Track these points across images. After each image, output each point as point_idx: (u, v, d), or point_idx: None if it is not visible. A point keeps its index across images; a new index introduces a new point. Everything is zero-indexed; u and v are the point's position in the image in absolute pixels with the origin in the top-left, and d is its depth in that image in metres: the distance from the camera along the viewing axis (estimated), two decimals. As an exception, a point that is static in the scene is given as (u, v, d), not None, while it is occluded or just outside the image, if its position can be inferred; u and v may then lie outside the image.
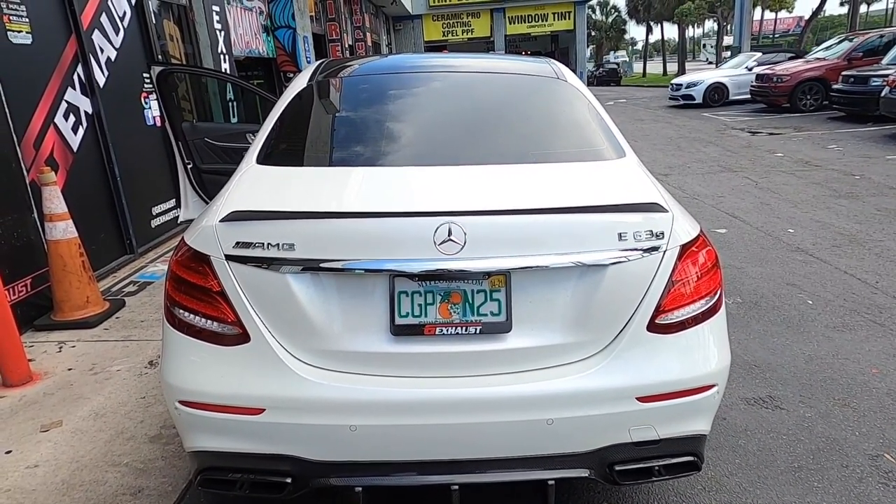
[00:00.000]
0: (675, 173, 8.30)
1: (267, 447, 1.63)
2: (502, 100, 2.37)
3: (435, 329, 1.59)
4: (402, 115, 2.27)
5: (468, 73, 2.58)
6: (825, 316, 3.64)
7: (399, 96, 2.36)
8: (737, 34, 22.49)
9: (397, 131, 2.17)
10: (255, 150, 2.06)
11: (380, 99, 2.35)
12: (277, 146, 2.11)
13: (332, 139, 2.21)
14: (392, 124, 2.21)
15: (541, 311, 1.62)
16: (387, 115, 2.26)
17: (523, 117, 2.29)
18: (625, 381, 1.61)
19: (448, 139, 2.11)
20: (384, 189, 1.77)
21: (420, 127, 2.20)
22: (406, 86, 2.45)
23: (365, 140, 2.10)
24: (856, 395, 2.78)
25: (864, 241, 4.97)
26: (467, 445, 1.62)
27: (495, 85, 2.50)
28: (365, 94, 2.41)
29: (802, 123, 12.18)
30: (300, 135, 2.25)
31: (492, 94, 2.40)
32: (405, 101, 2.34)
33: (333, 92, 2.46)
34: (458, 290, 1.60)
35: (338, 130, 2.25)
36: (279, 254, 1.56)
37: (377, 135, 2.16)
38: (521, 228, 1.58)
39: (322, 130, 2.29)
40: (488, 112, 2.28)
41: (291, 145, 2.18)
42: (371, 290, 1.60)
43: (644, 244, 1.61)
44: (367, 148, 2.06)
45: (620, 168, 1.96)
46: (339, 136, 2.20)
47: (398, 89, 2.42)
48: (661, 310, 1.64)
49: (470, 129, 2.18)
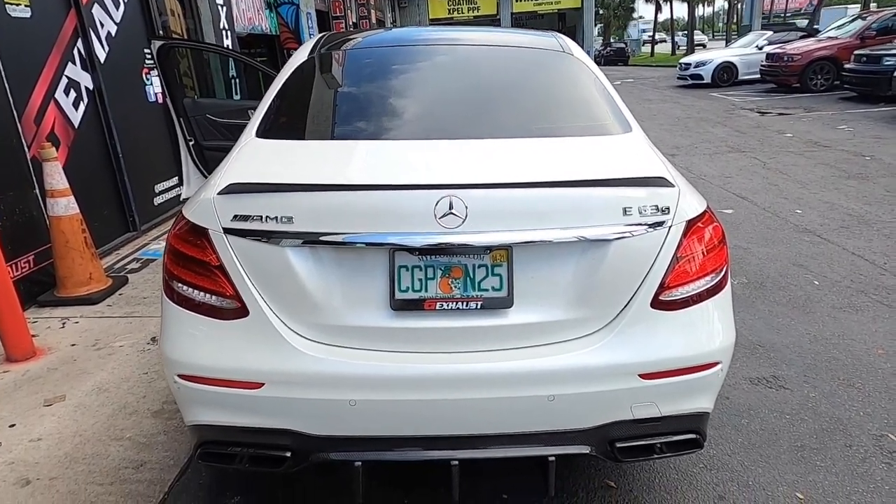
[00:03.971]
0: (683, 153, 8.20)
1: (266, 421, 1.62)
2: (507, 73, 2.31)
3: (435, 304, 1.57)
4: (404, 89, 2.23)
5: (472, 46, 2.52)
6: (831, 296, 3.60)
7: (401, 69, 2.32)
8: (748, 12, 22.07)
9: (399, 105, 2.13)
10: (255, 124, 2.03)
11: (382, 72, 2.30)
12: (277, 120, 2.07)
13: (332, 112, 2.17)
14: (394, 98, 2.17)
15: (543, 286, 1.59)
16: (388, 89, 2.22)
17: (528, 91, 2.24)
18: (627, 358, 1.59)
19: (450, 113, 2.07)
20: (384, 162, 1.74)
21: (422, 100, 2.16)
22: (408, 59, 2.40)
23: (366, 113, 2.06)
24: (861, 375, 2.76)
25: (873, 223, 4.91)
26: (467, 421, 1.61)
27: (500, 58, 2.45)
28: (367, 68, 2.36)
29: (813, 104, 12.00)
30: (300, 108, 2.22)
31: (496, 68, 2.34)
32: (407, 74, 2.30)
33: (335, 65, 2.41)
34: (460, 264, 1.58)
35: (338, 104, 2.21)
36: (278, 227, 1.54)
37: (378, 108, 2.12)
38: (524, 202, 1.54)
39: (322, 104, 2.25)
40: (492, 85, 2.23)
41: (291, 119, 2.14)
42: (371, 264, 1.58)
43: (649, 219, 1.57)
44: (367, 121, 2.02)
45: (626, 143, 1.92)
46: (340, 110, 2.16)
47: (400, 62, 2.37)
48: (666, 286, 1.61)
49: (473, 102, 2.14)
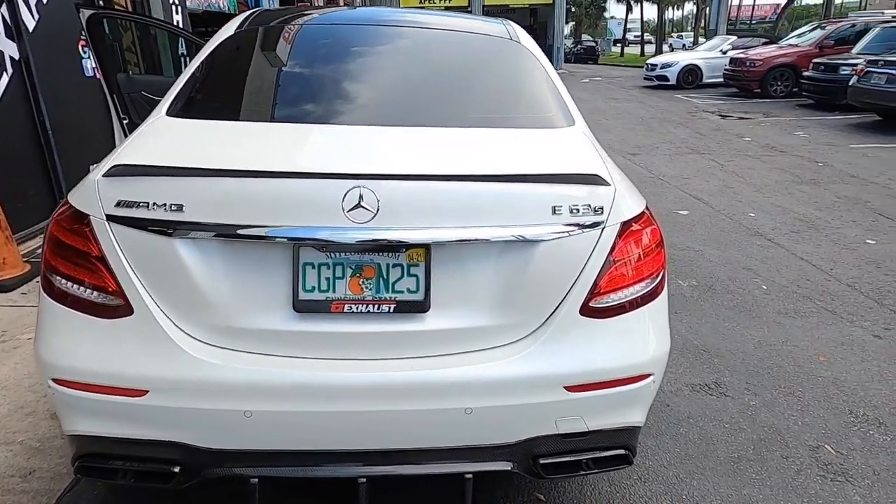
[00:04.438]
0: (644, 153, 8.21)
1: (152, 433, 1.45)
2: (448, 59, 2.17)
3: (343, 306, 1.42)
4: (331, 70, 2.05)
5: (414, 29, 2.36)
6: (778, 301, 3.59)
7: (331, 50, 2.14)
8: (714, 16, 22.44)
9: (322, 86, 1.96)
10: (166, 102, 1.85)
11: (309, 51, 2.12)
12: (190, 98, 1.89)
13: (248, 92, 1.99)
14: (318, 79, 2.00)
15: (463, 289, 1.46)
16: (313, 69, 2.04)
17: (468, 78, 2.10)
18: (552, 369, 1.47)
19: (378, 98, 1.92)
20: (292, 147, 1.57)
21: (349, 83, 1.99)
22: (341, 39, 2.22)
23: (284, 94, 1.89)
24: (802, 383, 2.73)
25: (823, 228, 4.96)
26: (376, 435, 1.47)
27: (442, 42, 2.30)
28: (293, 46, 2.18)
29: (772, 109, 12.22)
30: (217, 86, 2.03)
31: (436, 53, 2.19)
32: (337, 55, 2.12)
33: (260, 42, 2.22)
34: (372, 263, 1.43)
35: (257, 83, 2.03)
36: (166, 216, 1.37)
37: (300, 90, 1.95)
38: (444, 197, 1.40)
39: (240, 82, 2.06)
40: (430, 71, 2.08)
41: (205, 97, 1.95)
42: (272, 260, 1.41)
43: (580, 219, 1.45)
44: (285, 103, 1.85)
45: (566, 137, 1.81)
46: (256, 89, 1.98)
47: (331, 42, 2.19)
48: (597, 292, 1.50)
49: (406, 88, 1.98)
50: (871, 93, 9.34)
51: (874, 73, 9.30)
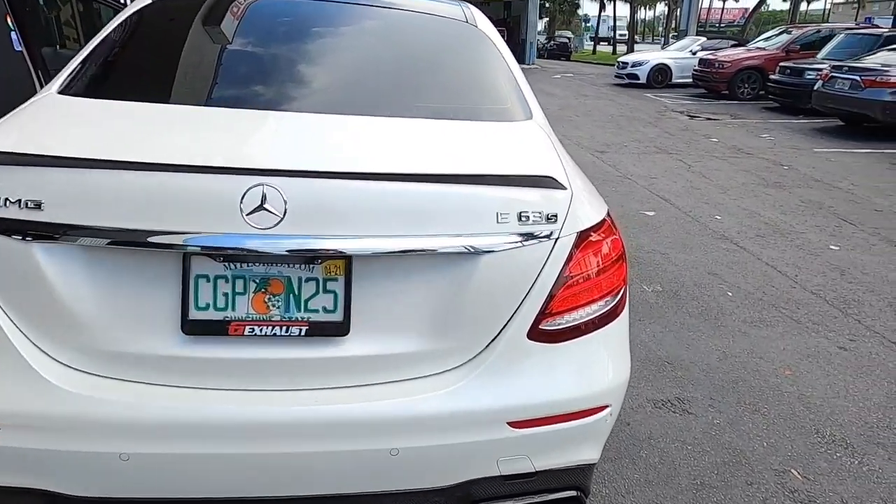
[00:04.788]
0: (612, 151, 8.11)
1: (7, 478, 1.19)
2: (393, 39, 1.93)
3: (244, 328, 1.18)
4: (252, 46, 1.79)
5: (357, 6, 2.11)
6: (743, 309, 3.47)
7: (255, 23, 1.88)
8: (684, 17, 22.63)
9: (239, 65, 1.71)
10: (60, 78, 1.59)
11: (229, 24, 1.86)
12: (89, 74, 1.62)
13: (155, 69, 1.71)
14: (236, 56, 1.74)
15: (390, 308, 1.23)
16: (232, 45, 1.78)
17: (415, 62, 1.87)
18: (494, 402, 1.27)
19: (305, 80, 1.67)
20: (187, 134, 1.32)
21: (271, 62, 1.73)
22: (270, 12, 1.96)
23: (195, 72, 1.64)
24: (767, 399, 2.59)
25: (787, 232, 4.89)
26: (283, 480, 1.23)
27: (389, 21, 2.05)
28: (212, 18, 1.91)
29: (739, 111, 12.30)
30: (122, 62, 1.76)
31: (381, 32, 1.95)
32: (261, 28, 1.86)
33: (173, 15, 1.94)
34: (280, 276, 1.19)
35: (166, 59, 1.75)
36: (20, 214, 1.11)
37: (212, 67, 1.69)
38: (368, 199, 1.17)
39: (148, 58, 1.79)
40: (371, 52, 1.84)
41: (107, 74, 1.68)
42: (156, 271, 1.17)
43: (530, 228, 1.25)
44: (193, 82, 1.60)
45: (521, 132, 1.59)
46: (164, 66, 1.71)
47: (257, 15, 1.93)
48: (548, 312, 1.29)
49: (341, 70, 1.74)
50: (835, 98, 9.43)
51: (838, 79, 9.39)
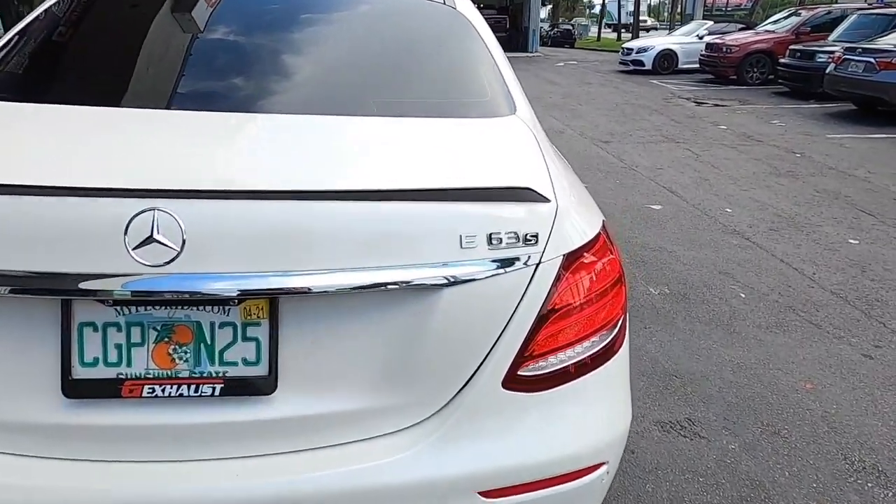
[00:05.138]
0: (616, 140, 7.82)
1: None
2: (351, 22, 1.68)
3: (142, 387, 0.95)
4: (175, 30, 1.55)
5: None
6: (758, 313, 3.21)
7: (203, 11, 1.63)
8: (690, 1, 22.10)
9: (152, 51, 1.46)
10: None
11: (165, 10, 1.61)
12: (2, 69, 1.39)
13: (66, 61, 1.48)
14: (151, 41, 1.49)
15: (329, 357, 0.99)
16: (167, 34, 1.54)
17: (376, 49, 1.62)
18: (461, 468, 1.03)
19: (230, 70, 1.42)
20: (64, 145, 1.08)
21: (194, 48, 1.48)
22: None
23: (104, 66, 1.40)
24: (788, 418, 2.34)
25: (802, 225, 4.61)
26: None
27: (360, 5, 1.80)
28: (144, 5, 1.66)
29: (748, 96, 11.92)
30: (36, 55, 1.52)
31: (337, 13, 1.70)
32: (191, 8, 1.61)
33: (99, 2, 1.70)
34: (188, 322, 0.95)
35: (78, 51, 1.52)
36: None
37: (110, 56, 1.45)
38: (292, 224, 0.93)
39: (59, 51, 1.55)
40: (321, 37, 1.59)
41: (17, 68, 1.44)
42: (30, 319, 0.93)
43: (503, 253, 1.00)
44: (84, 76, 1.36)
45: (500, 130, 1.35)
46: (72, 60, 1.48)
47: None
48: (528, 355, 1.05)
49: (277, 58, 1.49)
50: (849, 81, 9.06)
51: (852, 61, 9.01)
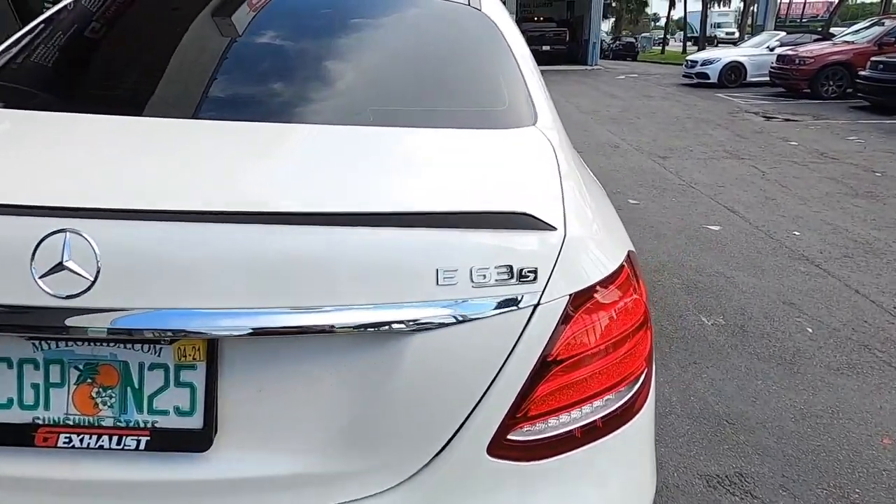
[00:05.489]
0: (675, 156, 7.43)
1: None
2: (363, 25, 1.54)
3: (58, 436, 0.82)
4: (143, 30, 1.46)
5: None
6: (827, 351, 2.85)
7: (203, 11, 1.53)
8: (761, 11, 21.13)
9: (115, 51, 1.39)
10: None
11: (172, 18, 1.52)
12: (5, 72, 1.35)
13: (56, 69, 1.41)
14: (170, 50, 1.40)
15: (277, 409, 0.83)
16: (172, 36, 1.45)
17: (389, 54, 1.48)
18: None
19: (208, 72, 1.30)
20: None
21: (161, 46, 1.38)
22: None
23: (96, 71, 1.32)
24: (859, 480, 2.02)
25: (882, 252, 4.16)
26: None
27: (368, 5, 1.67)
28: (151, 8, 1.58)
29: (822, 111, 11.18)
30: (40, 59, 1.46)
31: (348, 15, 1.57)
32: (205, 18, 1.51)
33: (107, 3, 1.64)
34: (114, 361, 0.82)
35: (75, 57, 1.45)
36: None
37: (133, 64, 1.37)
38: (236, 250, 0.78)
39: (60, 56, 1.48)
40: (323, 37, 1.46)
41: (21, 71, 1.40)
42: None
43: (488, 291, 0.82)
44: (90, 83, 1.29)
45: (514, 142, 1.18)
46: (65, 66, 1.41)
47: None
48: (522, 416, 0.86)
49: (290, 65, 1.37)
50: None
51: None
